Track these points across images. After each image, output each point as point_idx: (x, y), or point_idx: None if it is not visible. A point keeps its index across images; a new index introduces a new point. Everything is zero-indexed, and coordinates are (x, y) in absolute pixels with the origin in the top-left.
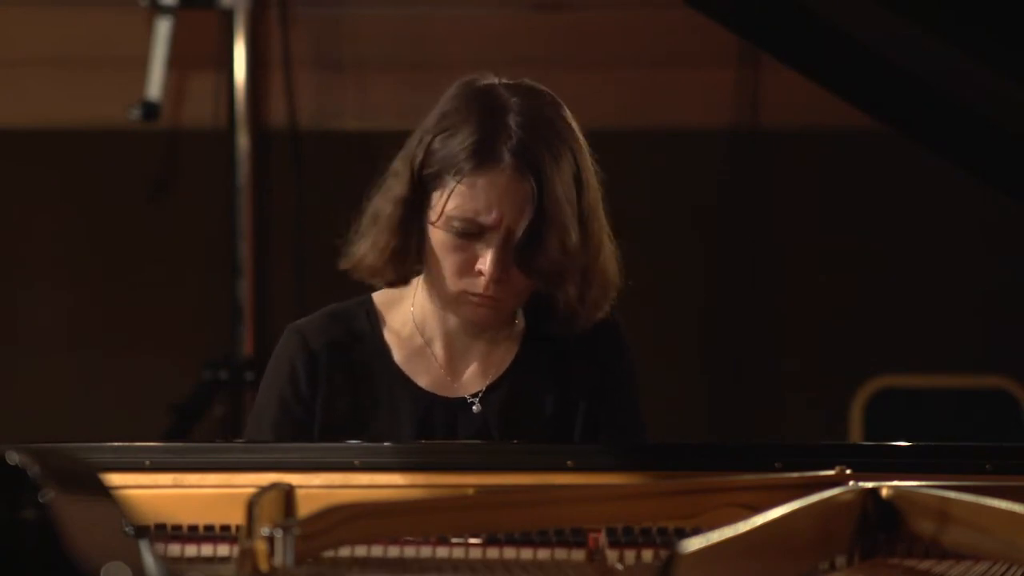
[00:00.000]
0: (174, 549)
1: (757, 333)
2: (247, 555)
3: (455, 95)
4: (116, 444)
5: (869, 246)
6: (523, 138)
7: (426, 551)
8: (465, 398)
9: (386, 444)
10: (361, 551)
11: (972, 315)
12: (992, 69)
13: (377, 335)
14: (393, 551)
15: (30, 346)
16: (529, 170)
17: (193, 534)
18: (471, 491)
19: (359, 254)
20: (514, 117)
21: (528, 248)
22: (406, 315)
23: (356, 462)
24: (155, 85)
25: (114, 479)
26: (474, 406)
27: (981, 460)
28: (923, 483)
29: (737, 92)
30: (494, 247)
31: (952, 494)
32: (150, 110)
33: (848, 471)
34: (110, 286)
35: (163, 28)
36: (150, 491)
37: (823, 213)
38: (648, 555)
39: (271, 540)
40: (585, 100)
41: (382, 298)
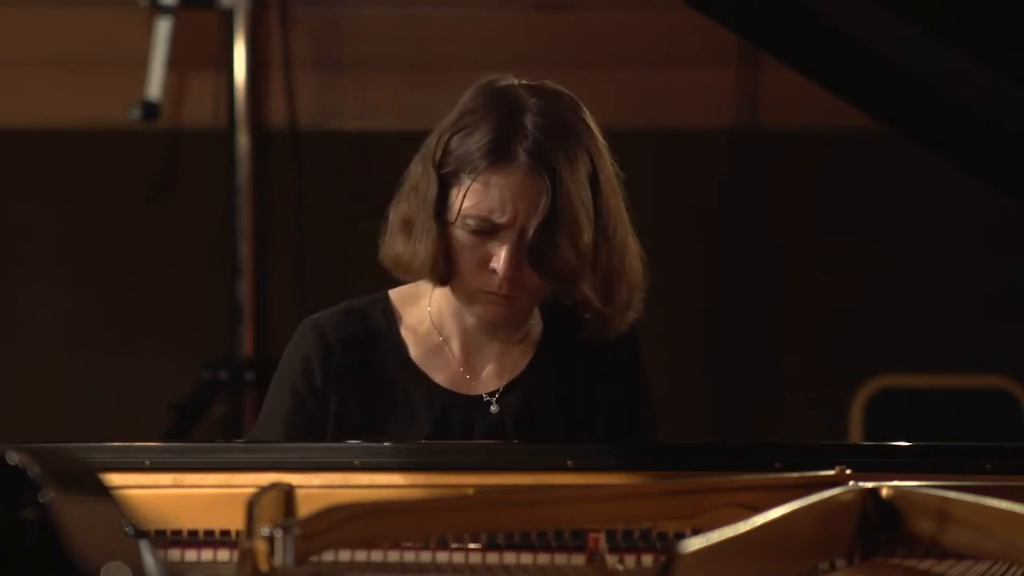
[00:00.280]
0: (174, 554)
1: (757, 333)
2: (247, 555)
3: (474, 95)
4: (116, 444)
5: (869, 246)
6: (539, 138)
7: (426, 556)
8: (482, 396)
9: (386, 444)
10: (361, 555)
11: (972, 315)
12: (992, 69)
13: (394, 332)
14: (393, 555)
15: (30, 346)
16: (543, 169)
17: (193, 539)
18: (471, 491)
19: (415, 257)
20: (531, 117)
21: (540, 247)
22: (423, 313)
23: (356, 462)
24: (155, 85)
25: (114, 479)
26: (492, 406)
27: (981, 460)
28: (923, 483)
29: (737, 92)
30: (508, 245)
31: (952, 494)
32: (150, 110)
33: (848, 471)
34: (110, 286)
35: (163, 28)
36: (150, 491)
37: (823, 213)
38: (648, 560)
39: (271, 540)
40: (585, 100)
41: (398, 295)
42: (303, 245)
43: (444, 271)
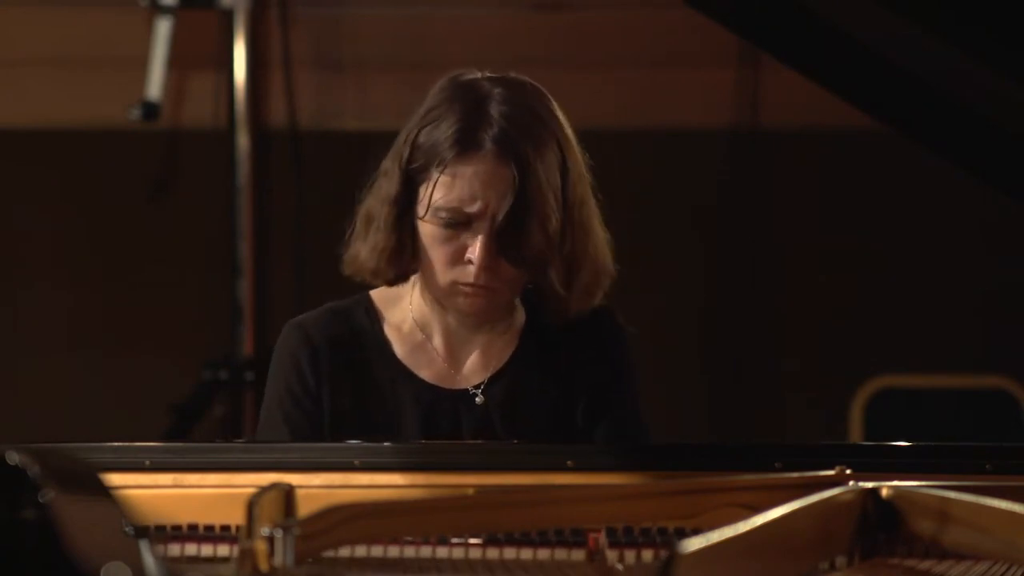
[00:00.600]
0: (174, 549)
1: (757, 333)
2: (247, 555)
3: (440, 89)
4: (116, 444)
5: (869, 246)
6: (504, 126)
7: (426, 551)
8: (468, 390)
9: (386, 444)
10: (361, 551)
11: (972, 315)
12: (992, 69)
13: (378, 331)
14: (393, 551)
15: (30, 346)
16: (510, 157)
17: (193, 534)
18: (471, 491)
19: (359, 258)
20: (496, 106)
21: (511, 234)
22: (405, 312)
23: (356, 462)
24: (155, 85)
25: (114, 479)
26: (477, 398)
27: (981, 460)
28: (923, 483)
29: (737, 92)
30: (482, 235)
31: (952, 494)
32: (150, 110)
33: (848, 471)
34: (110, 286)
35: (163, 28)
36: (150, 491)
37: (823, 213)
38: (648, 555)
39: (271, 540)
40: (585, 100)
41: (380, 296)
42: (303, 245)
43: (393, 268)
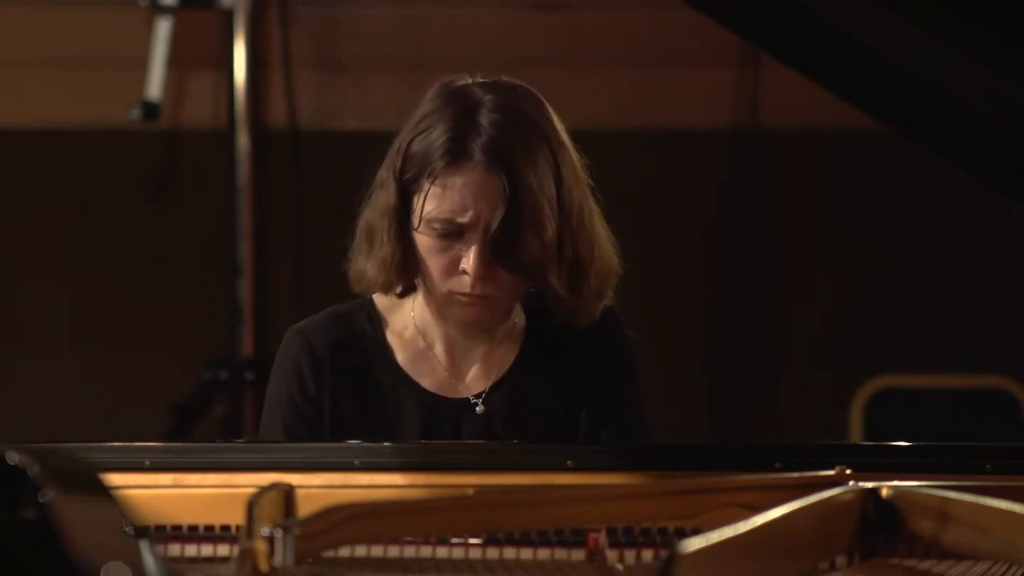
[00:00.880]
0: (174, 549)
1: (757, 333)
2: (247, 555)
3: (432, 97)
4: (116, 444)
5: (869, 246)
6: (494, 135)
7: (426, 551)
8: (468, 399)
9: (386, 444)
10: (361, 551)
11: (972, 315)
12: (992, 69)
13: (380, 336)
14: (393, 551)
15: (30, 346)
16: (500, 166)
17: (193, 534)
18: (471, 491)
19: (367, 274)
20: (487, 114)
21: (504, 243)
22: (407, 318)
23: (356, 462)
24: (155, 85)
25: (114, 479)
26: (477, 407)
27: (981, 460)
28: (923, 483)
29: (737, 92)
30: (475, 245)
31: (952, 494)
32: (150, 110)
33: (848, 471)
34: (110, 286)
35: (163, 28)
36: (150, 491)
37: (823, 213)
38: (648, 555)
39: (271, 540)
40: (585, 100)
41: (383, 301)
42: (303, 245)
43: (401, 279)
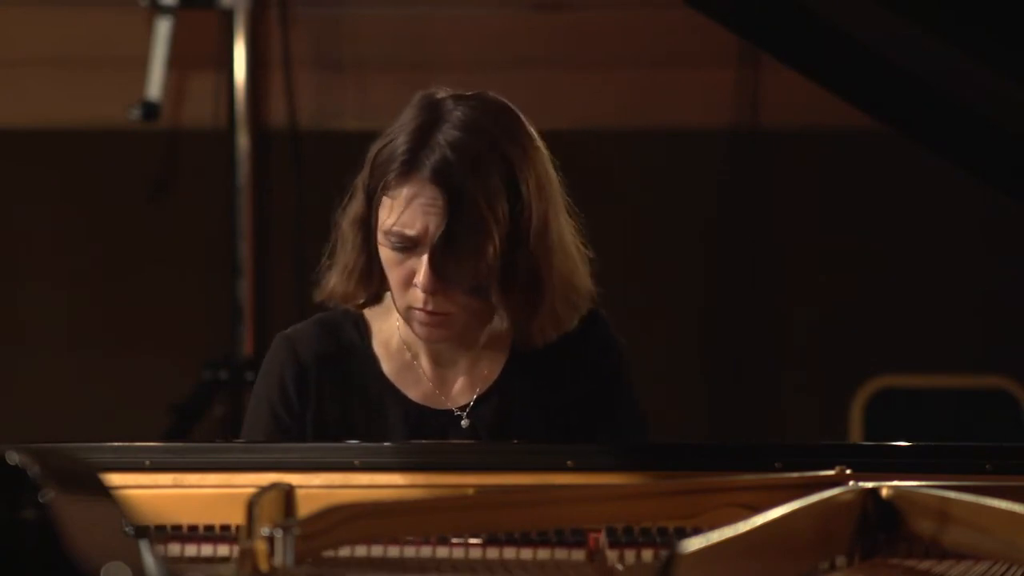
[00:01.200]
0: (174, 549)
1: (757, 333)
2: (247, 555)
3: (408, 107)
4: (116, 444)
5: (869, 246)
6: (446, 151)
7: (426, 551)
8: (454, 411)
9: (386, 444)
10: (361, 551)
11: (972, 315)
12: (992, 69)
13: (366, 346)
14: (393, 551)
15: (30, 346)
16: (443, 182)
17: (193, 534)
18: (471, 491)
19: (329, 283)
20: (447, 131)
21: (445, 258)
22: (392, 328)
23: (356, 462)
24: (155, 85)
25: (114, 479)
26: (463, 421)
27: (981, 460)
28: (923, 483)
29: (737, 92)
30: (425, 258)
31: (952, 494)
32: (150, 110)
33: (848, 471)
34: (110, 286)
35: (163, 28)
36: (150, 491)
37: (823, 213)
38: (648, 555)
39: (271, 540)
40: (585, 100)
41: (371, 310)
42: (303, 245)
43: (363, 290)
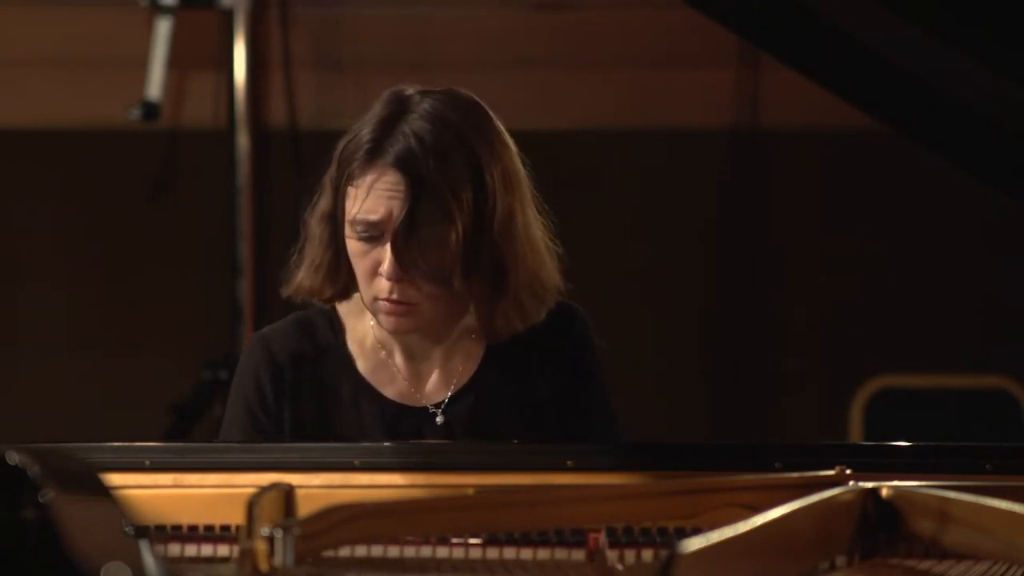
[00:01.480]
0: (174, 549)
1: (757, 333)
2: (247, 555)
3: (375, 104)
4: (116, 444)
5: (869, 246)
6: (410, 140)
7: (426, 551)
8: (428, 408)
9: (386, 444)
10: (361, 551)
11: (972, 315)
12: (992, 69)
13: (341, 344)
14: (393, 551)
15: (30, 346)
16: (406, 167)
17: (193, 534)
18: (471, 491)
19: (295, 277)
20: (413, 121)
21: (406, 243)
22: (367, 327)
23: (356, 462)
24: (155, 85)
25: (114, 479)
26: (437, 417)
27: (981, 460)
28: (923, 483)
29: (737, 92)
30: (389, 246)
31: (952, 494)
32: (150, 110)
33: (848, 471)
34: (110, 286)
35: (163, 28)
36: (150, 491)
37: (823, 213)
38: (648, 555)
39: (271, 540)
40: (585, 100)
41: (345, 308)
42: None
43: (330, 285)
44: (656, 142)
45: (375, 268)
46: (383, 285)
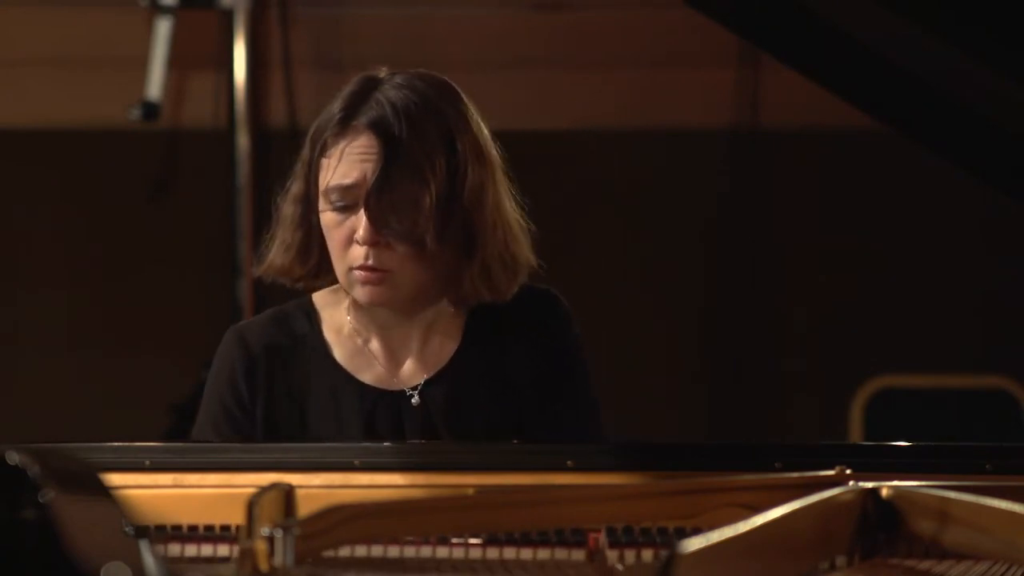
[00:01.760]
0: (174, 549)
1: (757, 333)
2: (247, 555)
3: (346, 86)
4: (116, 444)
5: (869, 246)
6: (383, 107)
7: (426, 551)
8: (406, 391)
9: (386, 444)
10: (361, 551)
11: (972, 315)
12: (992, 69)
13: (317, 334)
14: (393, 551)
15: (30, 346)
16: (379, 129)
17: (193, 534)
18: (471, 491)
19: (267, 256)
20: (385, 89)
21: (382, 205)
22: (343, 315)
23: (356, 462)
24: (155, 85)
25: (114, 479)
26: (413, 399)
27: (981, 460)
28: (923, 483)
29: (737, 92)
30: (363, 210)
31: (952, 494)
32: (150, 110)
33: (848, 471)
34: (110, 286)
35: (163, 28)
36: (150, 491)
37: (823, 213)
38: (648, 555)
39: (271, 540)
40: (585, 100)
41: (321, 299)
42: None
43: (301, 264)
44: (656, 142)
45: (350, 237)
46: (358, 252)
